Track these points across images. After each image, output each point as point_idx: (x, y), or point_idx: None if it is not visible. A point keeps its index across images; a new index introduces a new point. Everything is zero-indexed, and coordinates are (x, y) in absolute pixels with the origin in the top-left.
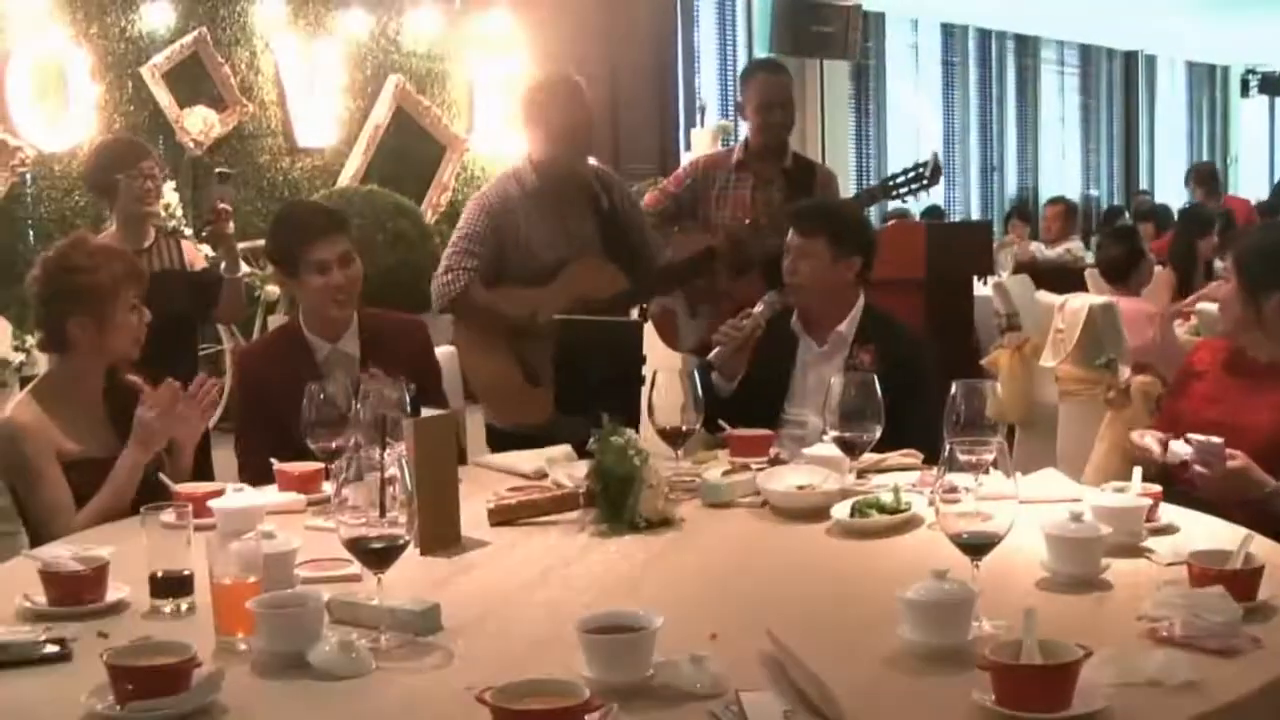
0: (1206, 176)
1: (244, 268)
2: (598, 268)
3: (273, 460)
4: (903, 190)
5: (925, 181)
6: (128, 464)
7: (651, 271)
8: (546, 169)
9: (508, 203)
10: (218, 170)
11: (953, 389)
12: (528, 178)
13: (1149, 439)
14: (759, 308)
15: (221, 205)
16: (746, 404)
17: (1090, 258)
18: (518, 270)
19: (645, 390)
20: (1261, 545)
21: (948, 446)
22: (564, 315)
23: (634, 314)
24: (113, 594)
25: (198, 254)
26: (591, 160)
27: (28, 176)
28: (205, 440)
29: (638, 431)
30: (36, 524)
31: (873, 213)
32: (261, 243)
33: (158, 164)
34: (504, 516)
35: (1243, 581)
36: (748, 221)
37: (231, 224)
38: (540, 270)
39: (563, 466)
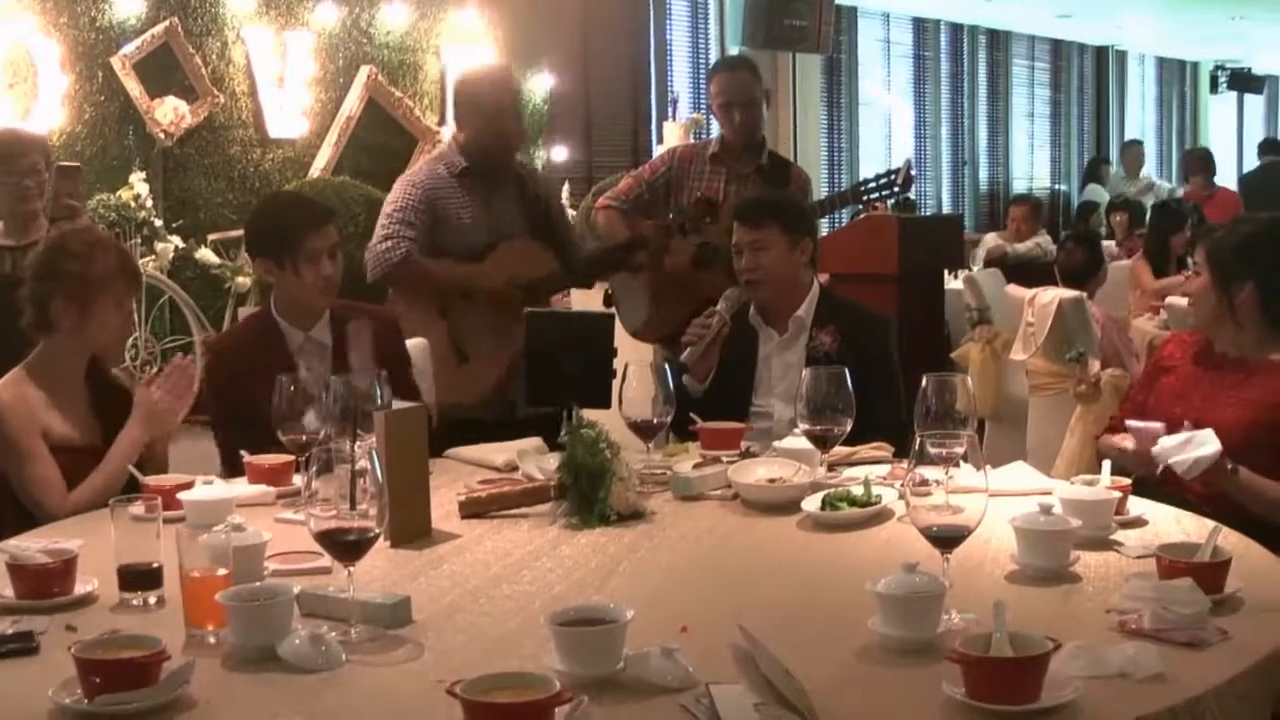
0: (1202, 163)
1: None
2: (529, 248)
3: (243, 453)
4: (874, 195)
5: (896, 188)
6: (126, 443)
7: (577, 260)
8: (474, 152)
9: (437, 180)
10: (59, 165)
11: (923, 382)
12: (455, 160)
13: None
14: (722, 304)
15: (70, 201)
16: (715, 402)
17: None
18: (448, 250)
19: (616, 383)
20: (1229, 538)
21: (918, 439)
22: (533, 309)
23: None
24: (81, 587)
25: None
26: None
27: None
28: None
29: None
30: (29, 504)
31: (844, 211)
32: (234, 234)
33: (48, 158)
34: (475, 509)
35: (1210, 574)
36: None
37: (84, 219)
38: (470, 250)
39: (534, 459)
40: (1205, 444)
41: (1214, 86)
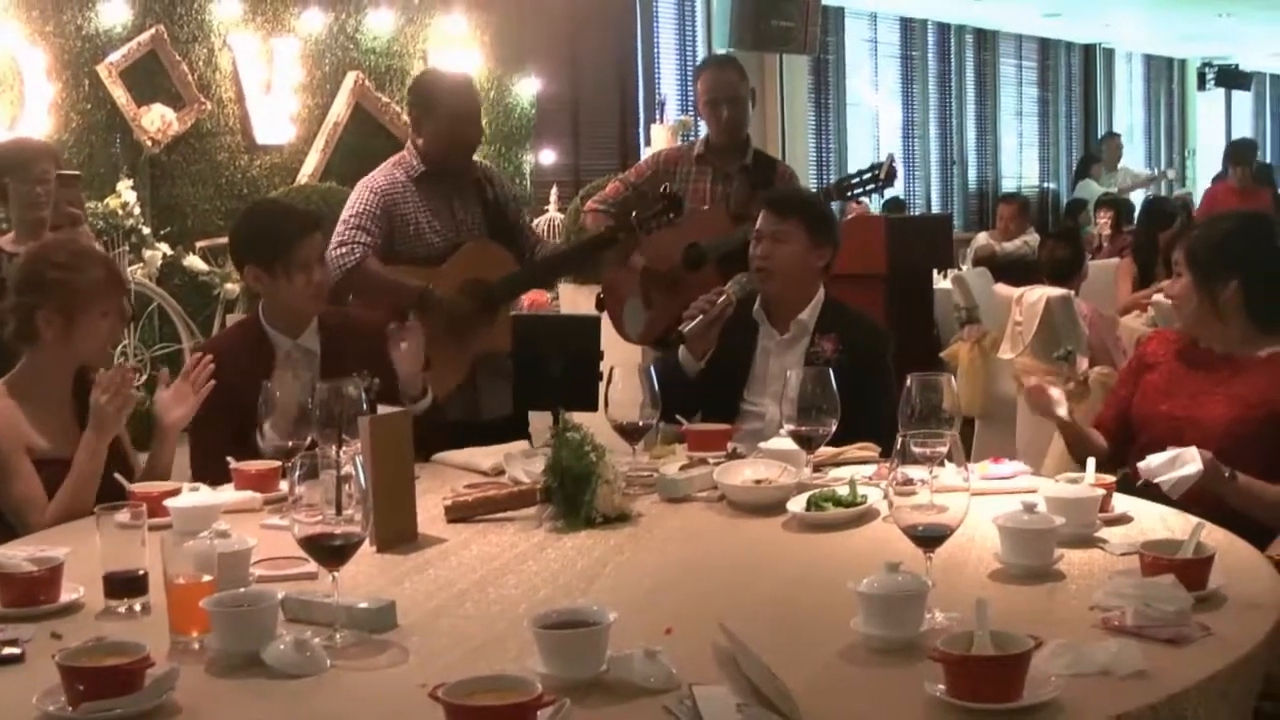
0: (1245, 155)
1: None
2: (488, 249)
3: (229, 459)
4: (857, 191)
5: (880, 183)
6: (85, 452)
7: (536, 261)
8: (436, 157)
9: (394, 185)
10: (60, 173)
11: (908, 382)
12: (413, 164)
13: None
14: (730, 285)
15: (71, 209)
16: (707, 390)
17: None
18: (408, 254)
19: (602, 386)
20: (1213, 534)
21: (900, 439)
22: (519, 313)
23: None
24: (67, 594)
25: None
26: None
27: None
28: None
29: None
30: (13, 520)
31: (834, 209)
32: (222, 240)
33: (57, 166)
34: (461, 513)
35: (1193, 570)
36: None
37: (85, 227)
38: (430, 254)
39: (520, 463)
40: (1189, 463)
41: (1201, 83)
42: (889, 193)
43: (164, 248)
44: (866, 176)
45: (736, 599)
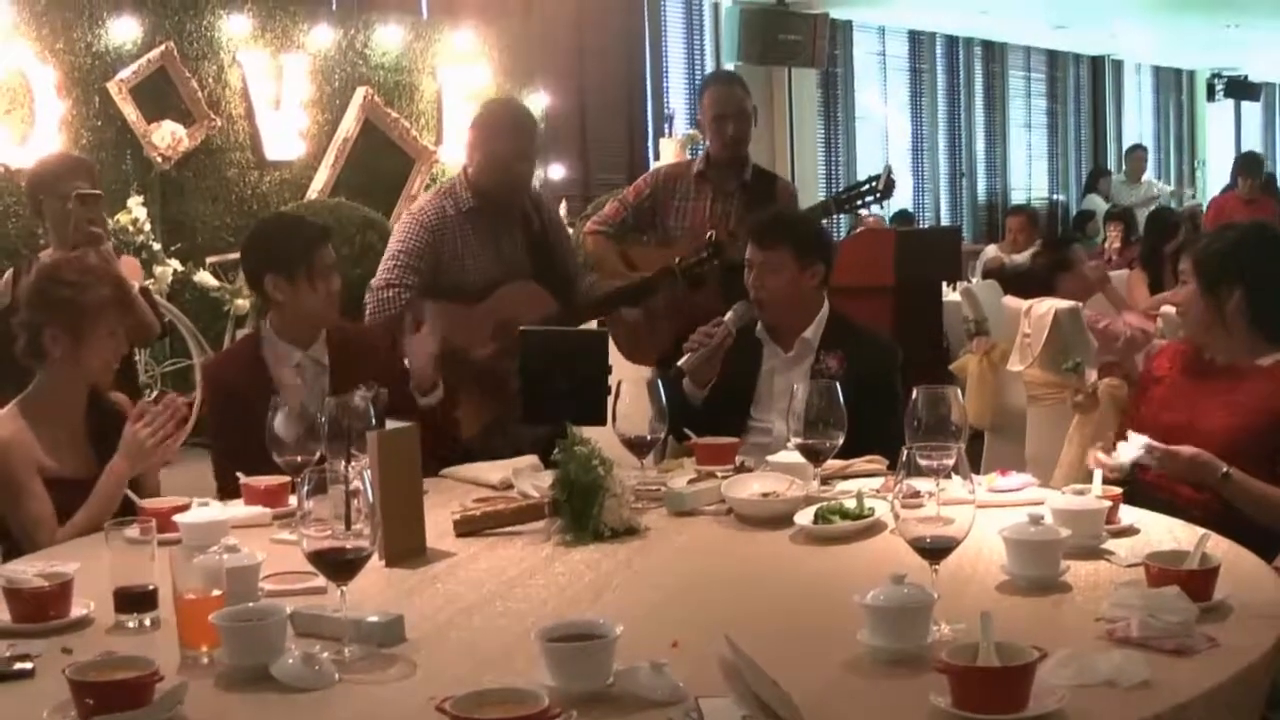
0: (1253, 166)
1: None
2: (527, 290)
3: (239, 474)
4: (855, 204)
5: (878, 195)
6: (113, 478)
7: (574, 295)
8: (485, 191)
9: (444, 221)
10: (79, 192)
11: (914, 394)
12: (463, 196)
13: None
14: (729, 316)
15: (92, 229)
16: (713, 411)
17: None
18: (448, 289)
19: (610, 400)
20: (1219, 545)
21: (906, 452)
22: (528, 326)
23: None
24: (77, 610)
25: (137, 271)
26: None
27: None
28: None
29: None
30: (20, 539)
31: (842, 221)
32: (233, 256)
33: (91, 182)
34: (469, 527)
35: (1198, 581)
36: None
37: (109, 244)
38: (470, 290)
39: (528, 477)
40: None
41: (1210, 94)
42: (897, 205)
43: (174, 264)
44: (865, 189)
45: (743, 612)
